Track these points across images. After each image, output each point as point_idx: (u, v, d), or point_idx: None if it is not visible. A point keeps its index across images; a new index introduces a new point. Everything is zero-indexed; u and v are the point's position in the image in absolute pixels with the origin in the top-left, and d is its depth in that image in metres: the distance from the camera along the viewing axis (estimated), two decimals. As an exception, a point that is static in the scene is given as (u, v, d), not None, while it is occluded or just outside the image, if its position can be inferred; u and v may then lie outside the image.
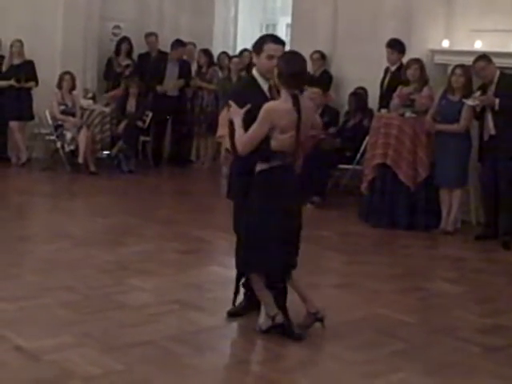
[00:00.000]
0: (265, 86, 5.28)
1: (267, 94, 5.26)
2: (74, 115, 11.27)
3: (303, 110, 5.07)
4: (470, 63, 8.39)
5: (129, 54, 12.27)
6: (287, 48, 6.99)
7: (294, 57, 5.18)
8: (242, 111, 5.08)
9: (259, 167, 5.11)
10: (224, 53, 12.21)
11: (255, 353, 5.11)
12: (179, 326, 5.40)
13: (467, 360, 5.07)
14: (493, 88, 8.11)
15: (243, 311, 5.59)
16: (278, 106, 5.05)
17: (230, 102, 5.14)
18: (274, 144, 5.03)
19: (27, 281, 6.23)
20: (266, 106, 5.02)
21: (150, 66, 12.22)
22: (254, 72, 5.36)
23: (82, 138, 11.00)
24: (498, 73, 8.11)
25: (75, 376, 4.50)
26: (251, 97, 5.15)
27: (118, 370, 4.63)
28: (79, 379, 4.46)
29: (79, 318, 5.43)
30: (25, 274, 6.45)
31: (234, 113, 5.12)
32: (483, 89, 8.23)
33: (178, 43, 12.04)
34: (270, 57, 5.20)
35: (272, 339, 5.23)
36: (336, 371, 4.81)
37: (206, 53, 12.14)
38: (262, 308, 5.30)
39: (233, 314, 5.56)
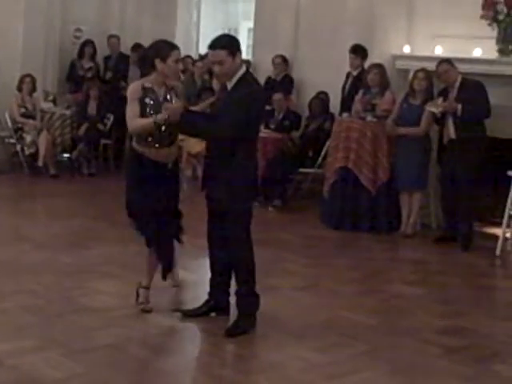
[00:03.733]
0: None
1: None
2: (34, 118, 11.17)
3: None
4: (431, 68, 8.51)
5: (92, 56, 12.20)
6: (250, 52, 7.06)
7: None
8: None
9: None
10: (187, 56, 12.19)
11: (218, 355, 5.10)
12: (141, 328, 5.39)
13: (429, 361, 5.13)
14: (454, 93, 8.21)
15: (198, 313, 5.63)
16: None
17: None
18: None
19: (-14, 285, 6.17)
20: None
21: (112, 68, 12.16)
22: None
23: (42, 140, 10.91)
24: (459, 78, 8.22)
25: (37, 380, 4.47)
26: None
27: (80, 373, 4.62)
28: (42, 383, 4.43)
29: (41, 321, 5.39)
30: (-17, 278, 6.39)
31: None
32: (444, 94, 8.32)
33: (137, 46, 12.01)
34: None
35: (234, 341, 5.25)
36: (300, 373, 4.83)
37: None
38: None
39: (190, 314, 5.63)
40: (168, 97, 5.45)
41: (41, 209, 9.31)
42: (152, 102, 5.35)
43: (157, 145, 5.42)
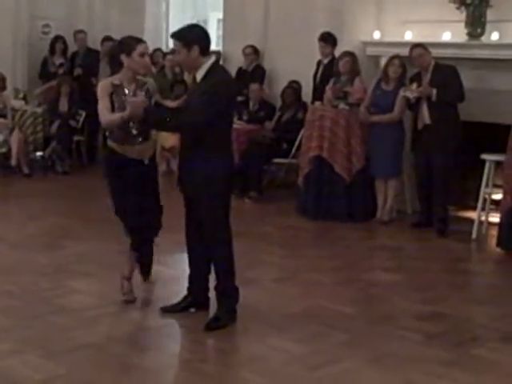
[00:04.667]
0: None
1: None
2: (5, 117, 11.04)
3: None
4: (402, 54, 8.51)
5: (64, 52, 12.11)
6: (220, 43, 7.01)
7: None
8: None
9: None
10: (158, 49, 12.12)
11: (199, 350, 5.08)
12: (121, 327, 5.38)
13: (409, 347, 5.15)
14: (428, 77, 8.23)
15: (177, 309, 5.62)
16: None
17: None
18: None
19: (-38, 287, 6.12)
20: None
21: (80, 64, 12.07)
22: None
23: (14, 139, 10.80)
24: (433, 62, 8.24)
25: (17, 382, 4.43)
26: None
27: (61, 374, 4.59)
28: (21, 386, 4.41)
29: (18, 323, 5.35)
30: (-42, 280, 6.33)
31: None
32: (417, 79, 8.34)
33: (107, 39, 11.95)
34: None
35: (215, 336, 5.24)
36: (281, 365, 4.83)
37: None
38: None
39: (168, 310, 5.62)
40: (137, 93, 5.42)
41: (15, 209, 9.22)
42: (118, 98, 5.34)
43: (130, 141, 5.41)
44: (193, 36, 5.22)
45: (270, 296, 6.12)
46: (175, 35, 5.24)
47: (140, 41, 5.47)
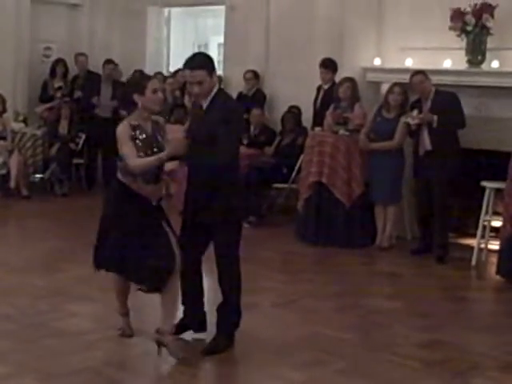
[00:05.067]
0: None
1: None
2: (4, 139, 11.05)
3: None
4: (402, 80, 8.54)
5: (64, 75, 12.13)
6: (220, 68, 7.00)
7: None
8: None
9: None
10: (159, 73, 12.15)
11: (197, 375, 5.05)
12: (119, 351, 5.35)
13: (408, 375, 5.12)
14: (428, 104, 8.25)
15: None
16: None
17: None
18: None
19: (-40, 311, 6.08)
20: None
21: (80, 86, 12.10)
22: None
23: (14, 161, 10.80)
24: (433, 90, 8.26)
25: (13, 407, 4.41)
26: None
27: (58, 399, 4.56)
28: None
29: (16, 346, 5.31)
30: (-43, 304, 6.29)
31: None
32: (418, 106, 8.36)
33: (108, 62, 12.01)
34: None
35: (213, 361, 5.20)
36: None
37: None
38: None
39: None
40: (156, 132, 5.35)
41: (13, 231, 9.20)
42: (143, 138, 5.20)
43: (147, 179, 5.23)
44: (212, 63, 5.25)
45: (269, 322, 6.09)
46: (198, 66, 5.17)
47: (149, 77, 5.42)
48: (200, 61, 5.23)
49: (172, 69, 12.75)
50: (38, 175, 11.52)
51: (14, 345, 5.34)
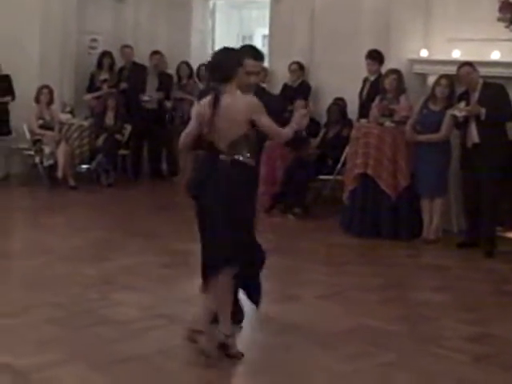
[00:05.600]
0: None
1: None
2: (52, 129, 11.19)
3: (230, 104, 4.99)
4: (449, 72, 8.46)
5: (111, 67, 12.23)
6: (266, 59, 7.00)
7: (219, 51, 5.24)
8: None
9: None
10: (204, 65, 12.19)
11: (244, 365, 5.05)
12: (167, 340, 5.36)
13: (456, 369, 5.08)
14: (476, 96, 8.16)
15: None
16: (203, 102, 5.11)
17: None
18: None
19: (12, 298, 6.17)
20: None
21: (126, 78, 12.19)
22: None
23: (61, 152, 10.92)
24: (481, 81, 8.17)
25: (64, 394, 4.48)
26: None
27: (107, 386, 4.61)
28: (68, 398, 4.45)
29: (66, 334, 5.39)
30: (9, 291, 6.38)
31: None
32: (465, 98, 8.27)
33: (155, 53, 12.10)
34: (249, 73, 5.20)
35: (258, 351, 5.21)
36: (323, 382, 4.80)
37: (188, 65, 12.16)
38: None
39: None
40: None
41: (61, 221, 9.29)
42: None
43: None
44: None
45: (313, 313, 6.08)
46: (262, 56, 5.37)
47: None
48: (262, 53, 5.39)
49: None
50: (84, 166, 11.65)
51: (64, 332, 5.42)
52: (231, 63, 5.04)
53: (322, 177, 9.97)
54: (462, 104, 8.28)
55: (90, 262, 7.28)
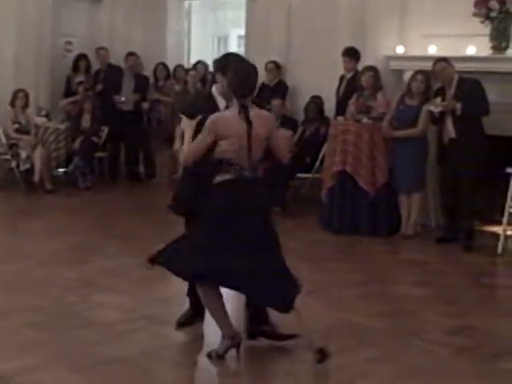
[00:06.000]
0: (221, 104, 5.21)
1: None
2: (28, 133, 11.12)
3: (255, 119, 4.88)
4: (426, 68, 8.50)
5: (87, 70, 12.18)
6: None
7: (243, 66, 5.10)
8: (193, 123, 5.03)
9: (215, 180, 4.97)
10: (180, 66, 12.19)
11: (230, 365, 5.04)
12: (150, 341, 5.33)
13: (439, 362, 5.10)
14: (452, 91, 8.20)
15: (191, 320, 5.57)
16: (224, 116, 4.95)
17: (181, 115, 5.11)
18: (217, 151, 4.89)
19: (-9, 302, 6.13)
20: (212, 116, 4.92)
21: (102, 80, 12.15)
22: (214, 90, 5.32)
23: (38, 156, 10.85)
24: (456, 76, 8.21)
25: (46, 397, 4.44)
26: (206, 112, 5.00)
27: (89, 389, 4.58)
28: (50, 400, 4.41)
29: (47, 337, 5.34)
30: (-15, 296, 6.34)
31: (186, 125, 5.07)
32: (441, 93, 8.32)
33: (130, 54, 12.06)
34: None
35: (244, 353, 5.19)
36: (309, 379, 4.81)
37: (165, 66, 12.13)
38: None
39: (182, 324, 5.55)
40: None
41: (39, 225, 9.22)
42: None
43: None
44: None
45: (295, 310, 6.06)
46: None
47: None
48: None
49: (193, 61, 12.77)
50: (61, 169, 11.59)
51: (45, 336, 5.37)
52: (256, 77, 5.02)
53: (300, 175, 9.97)
54: (438, 99, 8.33)
55: (70, 265, 7.23)
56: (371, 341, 5.43)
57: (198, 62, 12.14)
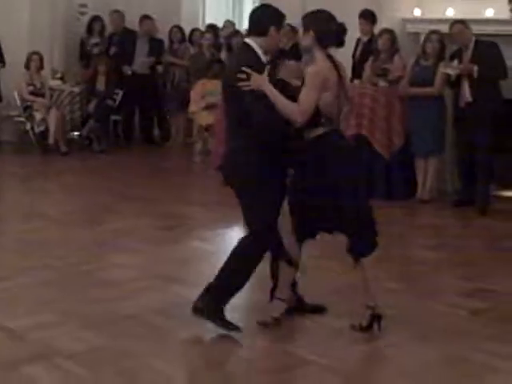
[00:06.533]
0: (263, 58, 4.96)
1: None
2: (43, 96, 11.09)
3: (340, 68, 4.91)
4: (443, 31, 8.39)
5: (101, 33, 12.11)
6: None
7: (330, 15, 5.09)
8: (265, 77, 4.76)
9: (313, 134, 4.83)
10: (196, 29, 12.11)
11: (242, 323, 5.02)
12: (162, 299, 5.34)
13: (455, 323, 5.08)
14: (468, 54, 8.10)
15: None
16: (323, 67, 4.81)
17: (247, 69, 4.66)
18: (321, 104, 4.73)
19: (5, 261, 6.15)
20: (313, 69, 4.78)
21: (117, 44, 12.07)
22: (251, 43, 4.95)
23: (52, 118, 10.82)
24: (473, 39, 8.11)
25: (59, 352, 4.45)
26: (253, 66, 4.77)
27: (102, 344, 4.60)
28: (63, 355, 4.42)
29: (60, 295, 5.37)
30: (3, 254, 6.38)
31: (260, 80, 4.70)
32: (458, 56, 8.21)
33: (145, 17, 11.95)
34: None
35: (255, 311, 5.17)
36: (325, 339, 4.79)
37: (180, 29, 12.04)
38: None
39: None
40: None
41: (53, 186, 9.24)
42: None
43: None
44: None
45: (312, 273, 6.03)
46: None
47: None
48: None
49: (208, 22, 12.68)
50: (76, 133, 11.55)
51: (59, 294, 5.40)
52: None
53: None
54: (455, 62, 8.22)
55: (85, 226, 7.25)
56: (387, 302, 5.36)
57: (212, 25, 12.08)
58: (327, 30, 4.94)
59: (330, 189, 4.85)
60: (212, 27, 12.06)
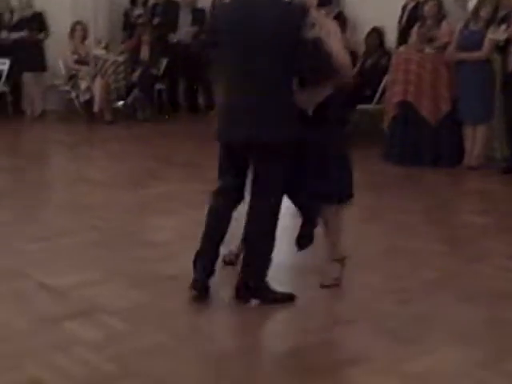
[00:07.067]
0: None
1: None
2: (87, 65, 11.14)
3: None
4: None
5: (144, 3, 12.11)
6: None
7: None
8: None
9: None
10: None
11: (281, 288, 4.97)
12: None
13: (502, 286, 4.99)
14: (518, 19, 7.94)
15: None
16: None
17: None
18: None
19: (50, 222, 6.21)
20: (333, 24, 4.74)
21: (160, 15, 12.06)
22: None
23: (97, 87, 10.86)
24: (524, 4, 7.94)
25: (103, 309, 4.48)
26: None
27: (144, 302, 4.63)
28: (107, 312, 4.45)
29: (104, 255, 5.40)
30: (47, 216, 6.44)
31: (332, 27, 4.64)
32: (507, 20, 8.03)
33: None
34: None
35: (293, 273, 5.12)
36: (367, 300, 4.74)
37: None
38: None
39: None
40: None
41: (99, 153, 9.30)
42: None
43: None
44: None
45: (356, 235, 5.94)
46: None
47: None
48: None
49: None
50: (120, 102, 11.57)
51: (103, 253, 5.43)
52: None
53: (360, 106, 9.78)
54: (503, 27, 8.05)
55: (130, 189, 7.29)
56: (432, 264, 5.34)
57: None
58: None
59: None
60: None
